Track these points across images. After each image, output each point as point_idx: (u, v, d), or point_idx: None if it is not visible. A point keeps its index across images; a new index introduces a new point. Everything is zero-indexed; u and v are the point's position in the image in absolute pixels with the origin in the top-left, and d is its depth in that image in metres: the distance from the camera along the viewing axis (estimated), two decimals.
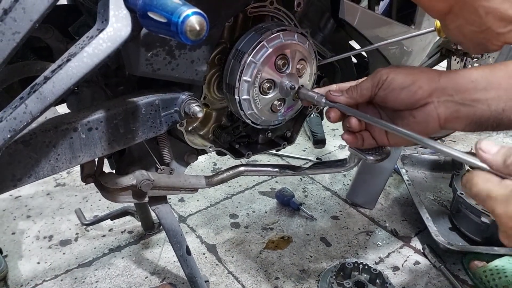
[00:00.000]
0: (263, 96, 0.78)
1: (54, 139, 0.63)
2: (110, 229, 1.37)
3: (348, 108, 0.67)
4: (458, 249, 1.24)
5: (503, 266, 1.15)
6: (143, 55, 0.65)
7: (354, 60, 1.05)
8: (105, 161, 0.89)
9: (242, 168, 0.95)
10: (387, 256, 1.31)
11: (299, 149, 1.91)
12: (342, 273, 1.16)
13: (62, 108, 0.85)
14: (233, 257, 1.28)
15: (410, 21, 1.05)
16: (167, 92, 0.74)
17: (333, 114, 0.68)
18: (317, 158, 1.85)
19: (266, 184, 1.64)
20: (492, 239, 1.25)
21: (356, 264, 1.16)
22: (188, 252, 0.96)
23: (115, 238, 1.33)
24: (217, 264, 1.25)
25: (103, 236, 1.34)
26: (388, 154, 0.71)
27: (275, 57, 0.76)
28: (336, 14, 0.87)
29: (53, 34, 0.80)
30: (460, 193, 1.34)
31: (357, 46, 1.00)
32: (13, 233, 1.35)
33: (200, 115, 0.74)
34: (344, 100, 0.67)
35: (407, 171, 1.60)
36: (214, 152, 0.91)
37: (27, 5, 0.47)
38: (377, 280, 1.13)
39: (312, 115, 1.79)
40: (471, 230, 1.32)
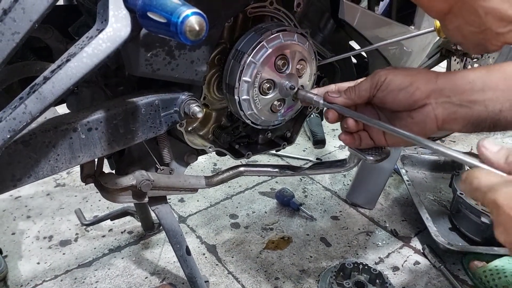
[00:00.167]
0: (263, 97, 0.78)
1: (54, 139, 0.63)
2: (110, 230, 1.37)
3: (346, 109, 0.67)
4: (458, 249, 1.24)
5: (503, 266, 1.15)
6: (142, 55, 0.65)
7: (354, 60, 1.05)
8: (105, 161, 0.89)
9: (242, 169, 0.95)
10: (387, 256, 1.31)
11: (299, 149, 1.91)
12: (342, 273, 1.16)
13: (62, 108, 0.85)
14: (233, 257, 1.28)
15: (410, 22, 1.05)
16: (166, 92, 0.74)
17: (331, 115, 0.68)
18: (317, 159, 1.85)
19: (266, 185, 1.64)
20: (492, 239, 1.24)
21: (356, 264, 1.16)
22: (188, 252, 0.96)
23: (115, 239, 1.33)
24: (217, 265, 1.25)
25: (103, 236, 1.34)
26: (388, 154, 0.71)
27: (275, 57, 0.76)
28: (336, 15, 0.87)
29: (52, 34, 0.80)
30: (460, 193, 1.34)
31: (357, 46, 1.00)
32: (13, 233, 1.35)
33: (200, 115, 0.74)
34: (342, 101, 0.67)
35: (407, 171, 1.60)
36: (214, 152, 0.91)
37: (26, 5, 0.47)
38: (377, 280, 1.13)
39: (312, 116, 1.79)
40: (471, 230, 1.32)
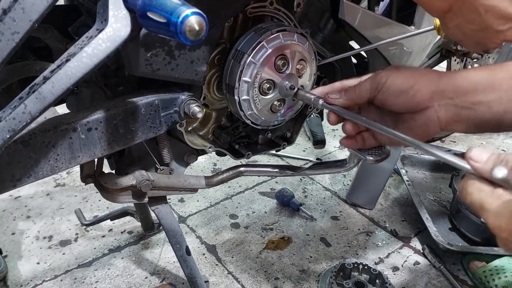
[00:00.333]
0: (263, 97, 0.78)
1: (54, 139, 0.63)
2: (110, 230, 1.37)
3: (345, 110, 0.65)
4: (457, 249, 1.24)
5: (502, 266, 1.15)
6: (142, 55, 0.65)
7: (354, 60, 1.05)
8: (105, 161, 0.89)
9: (242, 169, 0.95)
10: (387, 257, 1.31)
11: (299, 149, 1.91)
12: (342, 273, 1.16)
13: (62, 108, 0.85)
14: (233, 257, 1.28)
15: (410, 22, 1.05)
16: (166, 92, 0.74)
17: (332, 117, 0.67)
18: (317, 159, 1.85)
19: (266, 185, 1.64)
20: (492, 240, 1.24)
21: (356, 265, 1.16)
22: (188, 252, 0.95)
23: (115, 239, 1.33)
24: (217, 265, 1.25)
25: (103, 236, 1.34)
26: (388, 154, 0.71)
27: (275, 57, 0.76)
28: (336, 15, 0.87)
29: (52, 34, 0.80)
30: None
31: (357, 46, 1.00)
32: (13, 233, 1.34)
33: (199, 115, 0.73)
34: (341, 103, 0.66)
35: (407, 171, 1.60)
36: (214, 152, 0.91)
37: (26, 5, 0.47)
38: (377, 281, 1.13)
39: (312, 116, 1.79)
40: (470, 231, 1.32)
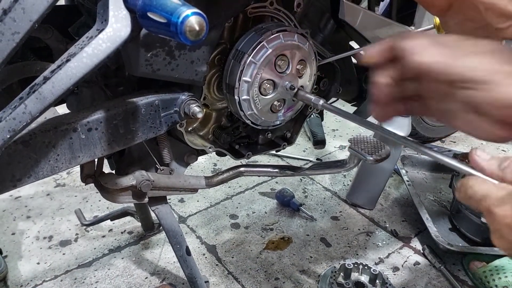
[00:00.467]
0: (263, 97, 0.78)
1: (54, 140, 0.63)
2: (110, 230, 1.37)
3: (345, 111, 0.64)
4: (458, 249, 1.24)
5: (503, 266, 1.15)
6: (142, 55, 0.65)
7: (354, 60, 1.05)
8: (105, 161, 0.89)
9: (242, 169, 0.95)
10: (387, 257, 1.31)
11: (299, 149, 1.91)
12: (342, 273, 1.16)
13: (62, 109, 0.85)
14: (233, 257, 1.28)
15: (410, 22, 1.05)
16: (167, 93, 0.74)
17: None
18: (317, 159, 1.85)
19: (266, 185, 1.64)
20: None
21: (356, 265, 1.15)
22: (188, 252, 0.95)
23: (115, 239, 1.33)
24: (217, 265, 1.25)
25: (103, 236, 1.34)
26: (388, 154, 0.71)
27: (275, 57, 0.76)
28: (336, 15, 0.87)
29: (52, 34, 0.80)
30: None
31: (357, 46, 1.00)
32: (13, 233, 1.34)
33: (200, 115, 0.74)
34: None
35: (407, 171, 1.60)
36: (214, 152, 0.91)
37: (26, 5, 0.47)
38: (377, 281, 1.13)
39: (312, 116, 1.79)
40: (471, 231, 1.31)
